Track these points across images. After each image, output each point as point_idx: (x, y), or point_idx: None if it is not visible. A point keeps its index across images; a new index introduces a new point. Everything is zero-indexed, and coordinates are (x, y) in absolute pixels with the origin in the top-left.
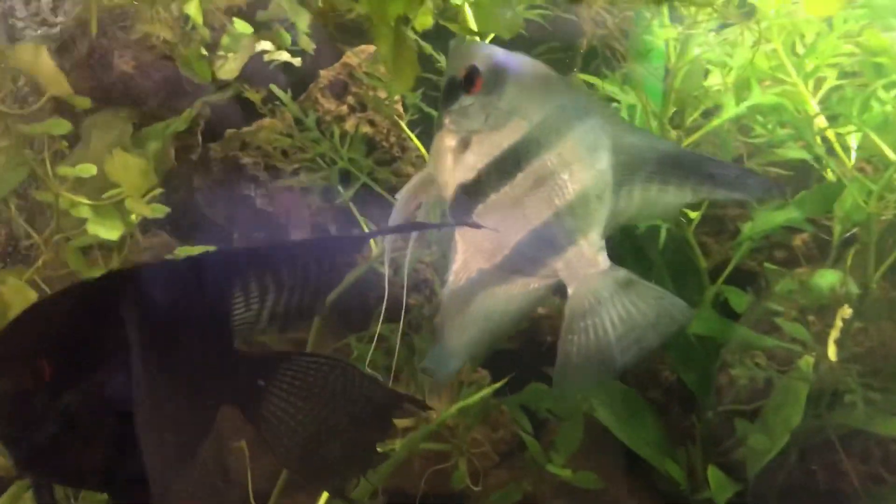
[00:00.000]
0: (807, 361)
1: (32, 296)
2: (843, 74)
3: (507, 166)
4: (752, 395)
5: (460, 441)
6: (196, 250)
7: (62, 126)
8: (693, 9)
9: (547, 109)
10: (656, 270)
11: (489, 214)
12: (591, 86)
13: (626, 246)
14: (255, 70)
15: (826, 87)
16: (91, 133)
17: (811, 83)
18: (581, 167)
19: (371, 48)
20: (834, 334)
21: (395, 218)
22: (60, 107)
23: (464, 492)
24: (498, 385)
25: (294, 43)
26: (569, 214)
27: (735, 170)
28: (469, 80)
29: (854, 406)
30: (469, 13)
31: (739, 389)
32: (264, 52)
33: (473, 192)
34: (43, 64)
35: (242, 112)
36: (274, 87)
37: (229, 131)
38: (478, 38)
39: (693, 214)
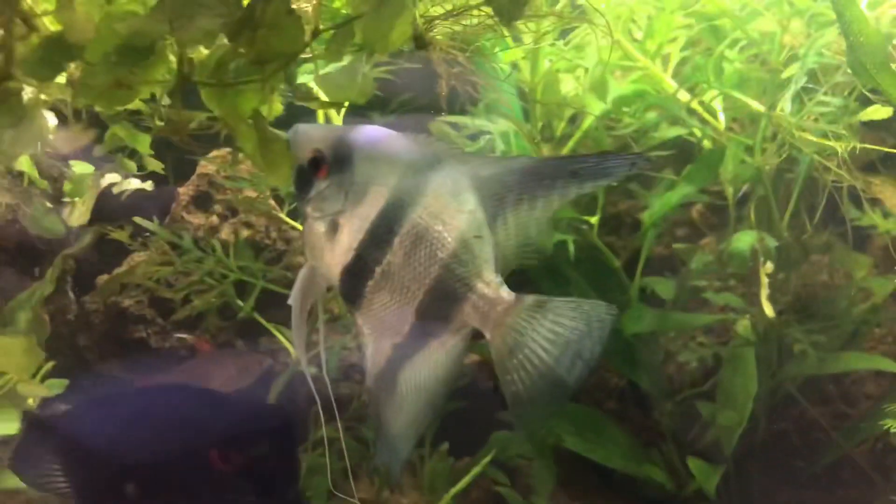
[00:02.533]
0: (744, 325)
1: None
2: (687, 46)
3: (381, 236)
4: (703, 375)
5: None
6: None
7: None
8: (532, 24)
9: (401, 170)
10: (575, 283)
11: (381, 289)
12: (456, 125)
13: (540, 268)
14: (108, 206)
15: (673, 62)
16: None
17: (659, 62)
18: (451, 214)
19: (224, 151)
20: (764, 292)
21: (295, 321)
22: None
23: None
24: (488, 459)
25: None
26: (456, 263)
27: (593, 159)
28: (316, 165)
29: (805, 355)
30: (318, 89)
31: (690, 374)
32: (112, 185)
33: (359, 271)
34: None
35: (106, 254)
36: (137, 219)
37: (101, 278)
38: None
39: (593, 219)
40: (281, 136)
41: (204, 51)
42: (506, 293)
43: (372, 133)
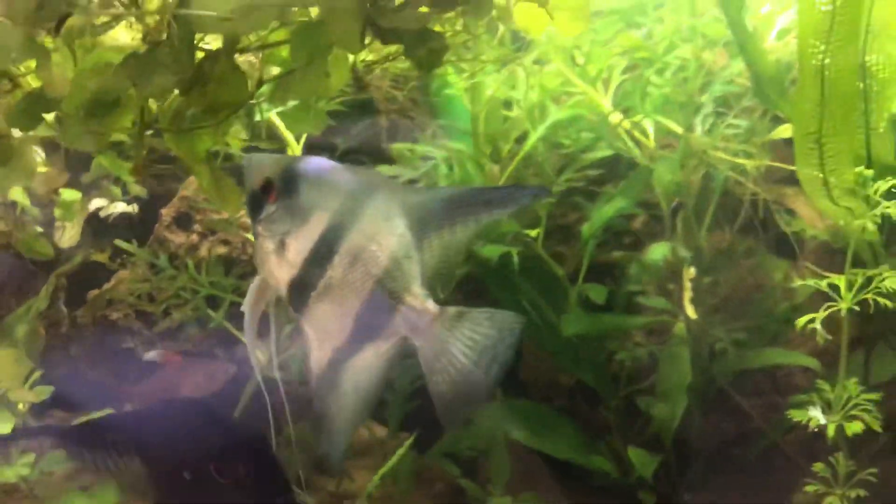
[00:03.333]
0: (680, 327)
1: None
2: (626, 71)
3: (322, 254)
4: (645, 372)
5: None
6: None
7: None
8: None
9: (340, 197)
10: (524, 291)
11: (323, 300)
12: (409, 152)
13: (493, 278)
14: (97, 229)
15: (613, 86)
16: None
17: (599, 87)
18: (384, 236)
19: None
20: (687, 295)
21: (248, 327)
22: None
23: None
24: (403, 449)
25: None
26: (388, 278)
27: (504, 190)
28: (266, 190)
29: (726, 352)
30: (278, 122)
31: (632, 371)
32: (99, 209)
33: (303, 284)
34: None
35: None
36: (118, 242)
37: (91, 293)
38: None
39: (534, 232)
40: (226, 176)
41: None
42: (431, 305)
43: (316, 163)
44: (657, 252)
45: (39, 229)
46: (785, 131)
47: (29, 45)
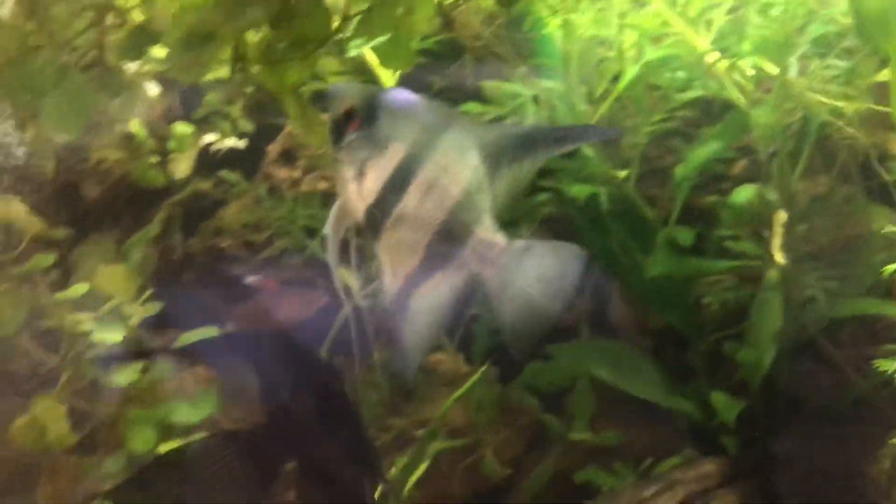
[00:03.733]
0: (772, 273)
1: (62, 411)
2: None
3: (398, 183)
4: (736, 318)
5: (481, 434)
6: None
7: (47, 259)
8: None
9: (418, 129)
10: (615, 233)
11: (397, 226)
12: (496, 89)
13: (583, 220)
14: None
15: (714, 28)
16: (81, 262)
17: (699, 27)
18: (457, 169)
19: None
20: (776, 240)
21: (330, 249)
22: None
23: (501, 482)
24: (476, 376)
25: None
26: (460, 210)
27: (577, 128)
28: (349, 118)
29: (817, 300)
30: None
31: (721, 316)
32: (210, 143)
33: (380, 210)
34: (15, 211)
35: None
36: (224, 174)
37: (203, 223)
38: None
39: (623, 174)
40: (314, 109)
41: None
42: (500, 238)
43: (397, 95)
44: (742, 195)
45: (154, 160)
46: (888, 73)
47: None
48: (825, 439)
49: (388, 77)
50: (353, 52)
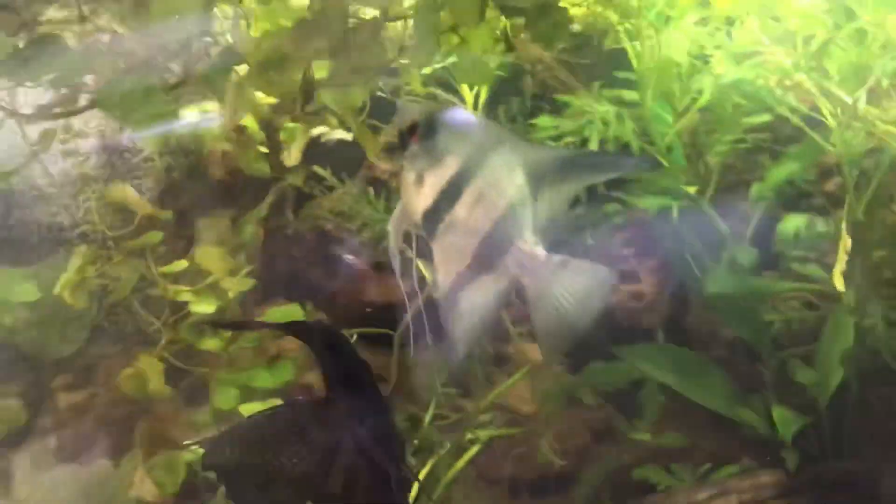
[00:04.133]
0: (846, 296)
1: (160, 366)
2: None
3: (452, 192)
4: (808, 337)
5: (540, 425)
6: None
7: (156, 237)
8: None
9: (471, 145)
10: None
11: (449, 231)
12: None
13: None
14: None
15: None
16: (203, 233)
17: (789, 47)
18: (504, 184)
19: None
20: (839, 266)
21: (391, 243)
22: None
23: (558, 473)
24: (518, 375)
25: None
26: (504, 222)
27: (610, 157)
28: (412, 132)
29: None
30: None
31: (794, 334)
32: (320, 135)
33: (434, 215)
34: (129, 195)
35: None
36: (317, 168)
37: (309, 205)
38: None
39: (692, 189)
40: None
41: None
42: (539, 251)
43: (455, 114)
44: (790, 224)
45: (264, 150)
46: None
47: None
48: (892, 463)
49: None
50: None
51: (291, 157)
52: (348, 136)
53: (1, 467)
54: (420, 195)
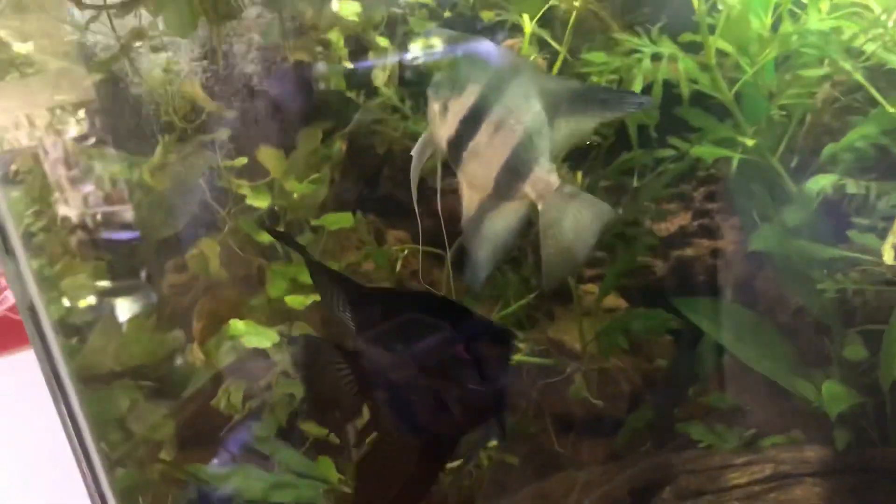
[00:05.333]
0: None
1: (217, 249)
2: None
3: (473, 120)
4: (883, 314)
5: (582, 359)
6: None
7: (223, 133)
8: None
9: (490, 74)
10: (757, 200)
11: (472, 158)
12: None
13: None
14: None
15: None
16: (300, 141)
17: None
18: (522, 112)
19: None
20: (891, 238)
21: (413, 168)
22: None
23: (601, 413)
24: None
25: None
26: (522, 149)
27: (616, 93)
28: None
29: None
30: None
31: (871, 308)
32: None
33: (458, 143)
34: (197, 92)
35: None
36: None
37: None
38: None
39: (750, 142)
40: None
41: None
42: (554, 178)
43: (476, 44)
44: (817, 182)
45: (349, 64)
46: None
47: None
48: None
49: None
50: None
51: (380, 76)
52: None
53: None
54: (445, 124)
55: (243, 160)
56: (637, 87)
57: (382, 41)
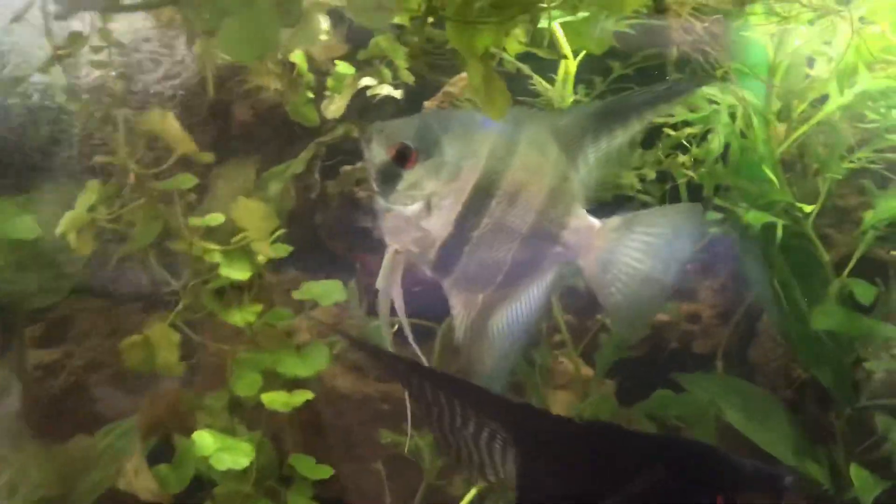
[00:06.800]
0: None
1: (175, 337)
2: None
3: (478, 204)
4: (893, 390)
5: None
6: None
7: (189, 180)
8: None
9: (489, 140)
10: (778, 269)
11: (476, 251)
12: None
13: (745, 247)
14: (360, 107)
15: None
16: (218, 183)
17: None
18: (539, 165)
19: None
20: None
21: (382, 306)
22: (186, 160)
23: None
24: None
25: (395, 77)
26: (549, 207)
27: (658, 87)
28: (404, 158)
29: None
30: (560, 33)
31: (879, 384)
32: (367, 87)
33: (456, 241)
34: (170, 127)
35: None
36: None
37: (344, 168)
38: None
39: (808, 208)
40: (499, 78)
41: None
42: (592, 221)
43: (449, 116)
44: None
45: (311, 95)
46: None
47: None
48: None
49: (570, 53)
50: (542, 24)
51: (334, 107)
52: (396, 94)
53: None
54: (431, 227)
55: (219, 218)
56: (718, 146)
57: (346, 68)
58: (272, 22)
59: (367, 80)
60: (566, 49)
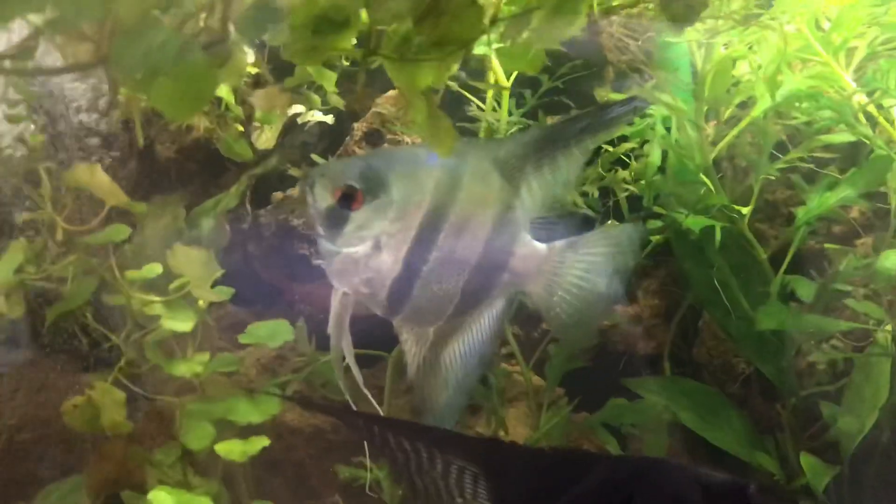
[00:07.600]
0: (884, 335)
1: (120, 396)
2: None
3: (426, 239)
4: (833, 377)
5: None
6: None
7: (122, 232)
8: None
9: (433, 176)
10: (717, 269)
11: (427, 284)
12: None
13: (684, 249)
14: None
15: (857, 59)
16: (146, 222)
17: (842, 58)
18: (484, 196)
19: (395, 92)
20: None
21: (335, 356)
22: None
23: None
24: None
25: (324, 102)
26: (497, 236)
27: (597, 112)
28: (350, 199)
29: None
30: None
31: (820, 373)
32: (297, 115)
33: (407, 277)
34: (99, 180)
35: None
36: (315, 157)
37: (276, 195)
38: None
39: (745, 210)
40: (444, 115)
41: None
42: (539, 247)
43: (391, 153)
44: (891, 259)
45: (240, 128)
46: None
47: None
48: None
49: (503, 77)
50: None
51: (265, 137)
52: (328, 119)
53: None
54: (380, 267)
55: (156, 269)
56: (655, 158)
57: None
58: (207, 74)
59: (296, 108)
60: (500, 75)
